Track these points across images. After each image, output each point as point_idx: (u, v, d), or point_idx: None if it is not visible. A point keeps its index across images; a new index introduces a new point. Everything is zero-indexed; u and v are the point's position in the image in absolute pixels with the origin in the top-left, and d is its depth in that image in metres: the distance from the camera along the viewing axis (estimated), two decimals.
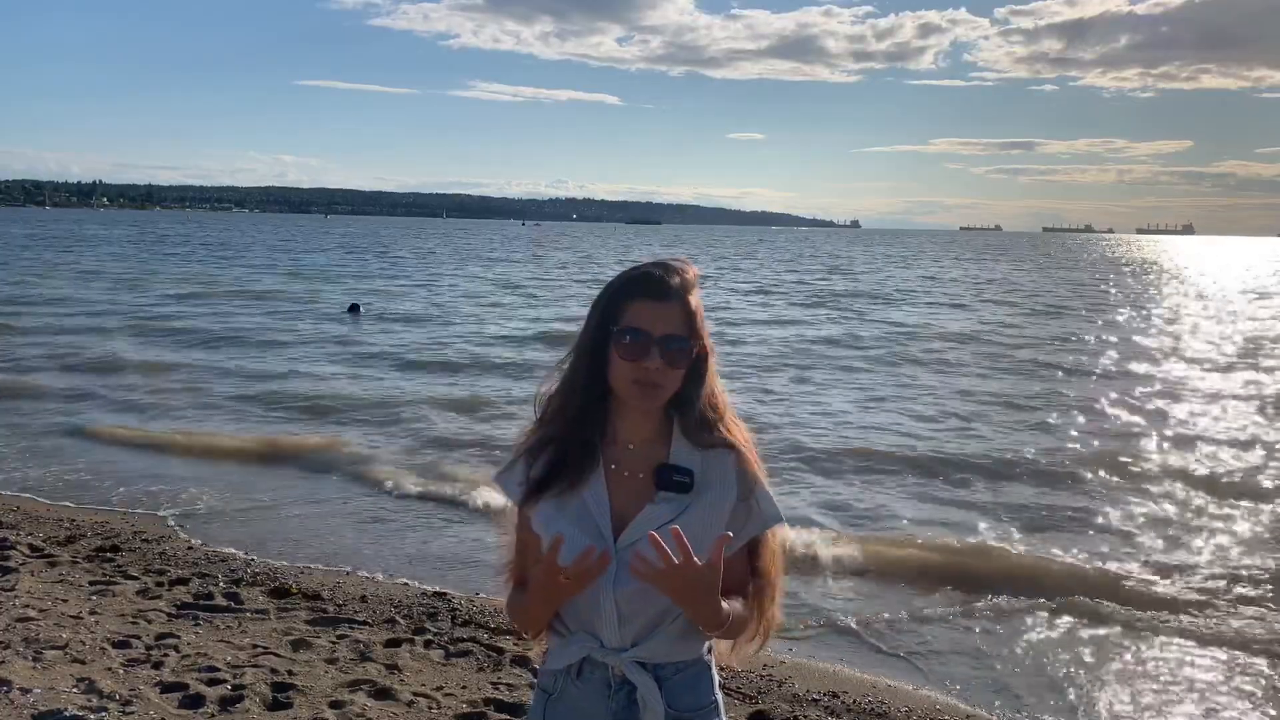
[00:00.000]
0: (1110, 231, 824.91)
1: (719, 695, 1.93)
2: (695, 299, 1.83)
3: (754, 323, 24.00)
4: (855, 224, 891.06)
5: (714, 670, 1.93)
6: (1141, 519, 8.20)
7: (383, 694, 4.46)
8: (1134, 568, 7.01)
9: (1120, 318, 26.80)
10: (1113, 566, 7.01)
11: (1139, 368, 17.14)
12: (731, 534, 1.79)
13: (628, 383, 1.79)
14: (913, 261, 65.88)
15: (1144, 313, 28.50)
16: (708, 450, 1.84)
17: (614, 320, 1.80)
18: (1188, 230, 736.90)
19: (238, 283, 32.58)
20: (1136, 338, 21.81)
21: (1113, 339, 21.38)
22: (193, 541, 7.01)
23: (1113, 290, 39.06)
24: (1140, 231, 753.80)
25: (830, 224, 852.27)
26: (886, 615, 6.17)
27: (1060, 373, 16.32)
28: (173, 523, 7.54)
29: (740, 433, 1.88)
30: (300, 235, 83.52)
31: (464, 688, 4.60)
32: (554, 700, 1.89)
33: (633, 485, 1.84)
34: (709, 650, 1.91)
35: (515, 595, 1.93)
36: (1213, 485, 9.23)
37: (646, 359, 1.77)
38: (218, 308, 24.51)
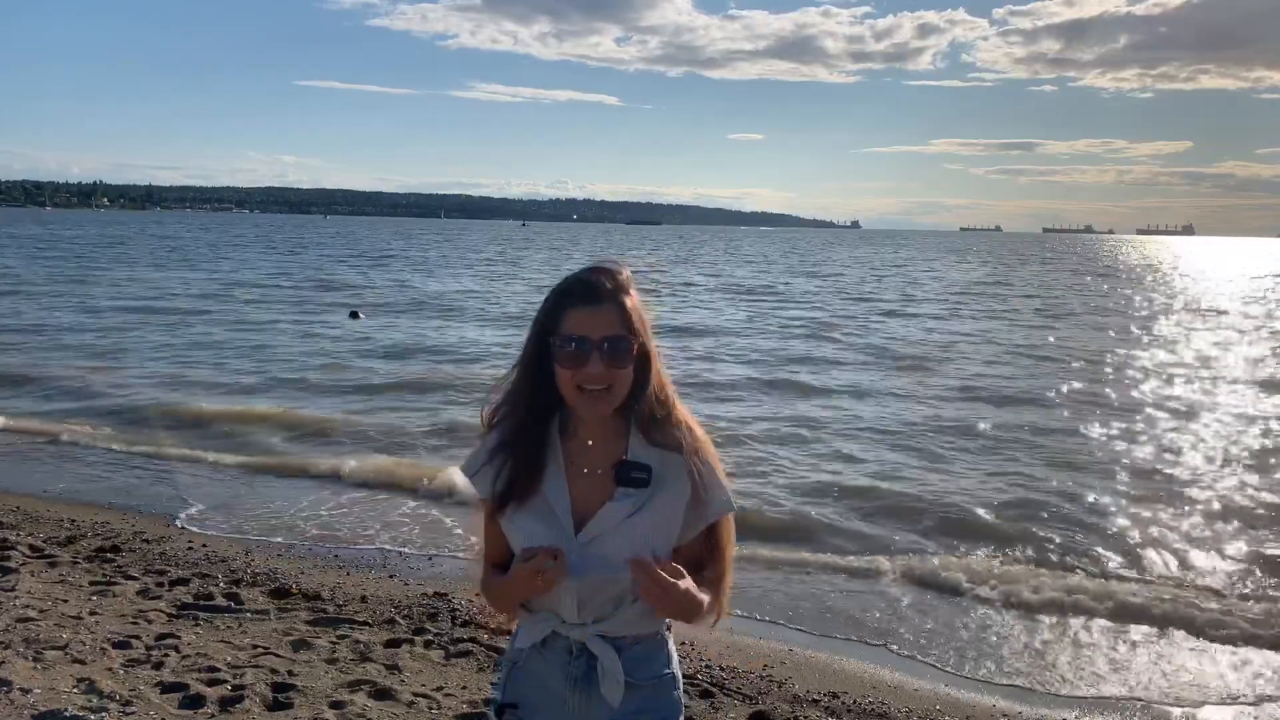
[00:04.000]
0: (1110, 232, 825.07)
1: (677, 669, 2.03)
2: (632, 299, 1.89)
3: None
4: (855, 224, 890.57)
5: (671, 645, 2.03)
6: (1143, 522, 8.21)
7: (383, 694, 4.46)
8: (1132, 567, 7.04)
9: None
10: (1113, 567, 7.04)
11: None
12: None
13: (573, 391, 1.86)
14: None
15: None
16: (663, 445, 1.91)
17: (553, 331, 1.86)
18: (1188, 231, 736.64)
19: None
20: None
21: None
22: (193, 542, 7.01)
23: None
24: (1140, 232, 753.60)
25: (830, 224, 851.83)
26: (887, 615, 6.18)
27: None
28: (180, 523, 7.55)
29: (690, 423, 1.95)
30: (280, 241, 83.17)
31: (464, 688, 4.60)
32: (519, 668, 2.00)
33: (592, 481, 1.92)
34: (668, 626, 2.02)
35: (488, 577, 2.03)
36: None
37: (588, 365, 1.83)
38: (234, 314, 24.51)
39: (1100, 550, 7.35)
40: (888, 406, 13.26)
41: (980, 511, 8.28)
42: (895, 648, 5.72)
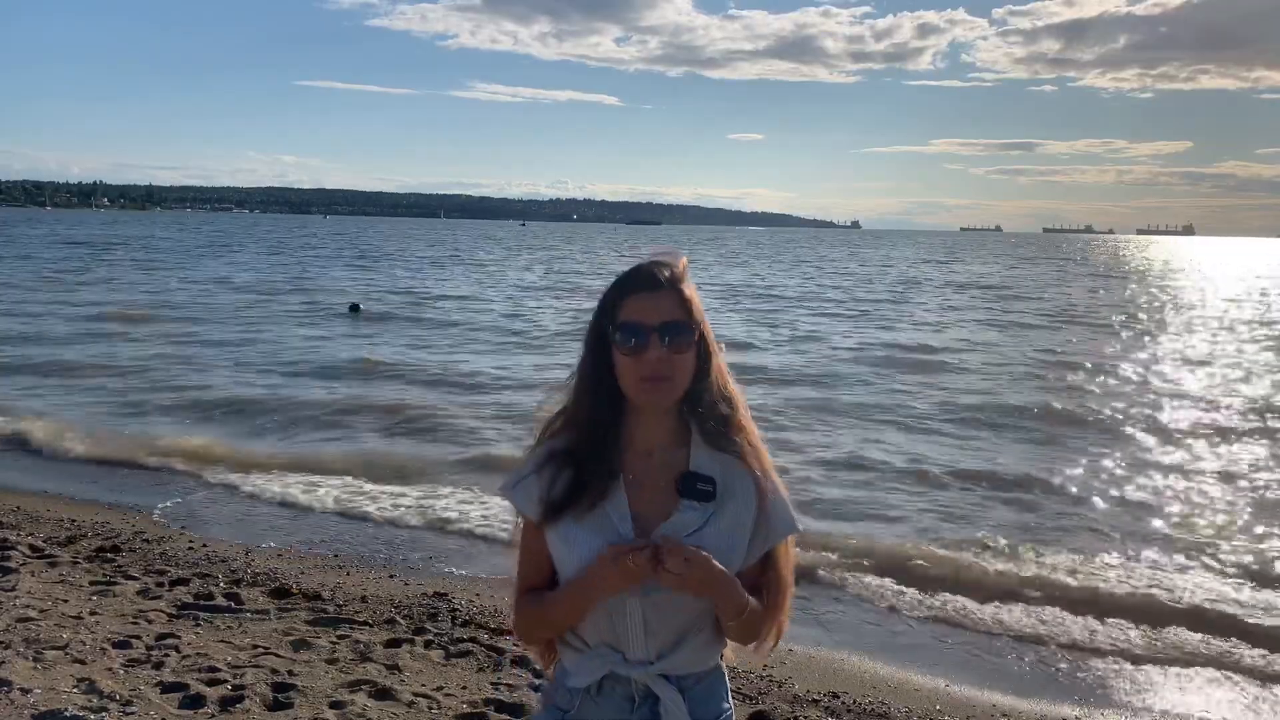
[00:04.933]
0: (1110, 232, 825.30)
1: (731, 702, 1.92)
2: (690, 288, 1.82)
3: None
4: (856, 224, 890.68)
5: (727, 678, 1.92)
6: (1144, 524, 8.22)
7: (383, 694, 4.46)
8: (1132, 583, 7.04)
9: None
10: (1113, 571, 7.04)
11: None
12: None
13: (635, 381, 1.77)
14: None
15: None
16: (727, 455, 1.82)
17: (612, 321, 1.79)
18: (1188, 231, 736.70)
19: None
20: None
21: None
22: (193, 542, 7.01)
23: None
24: (1141, 232, 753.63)
25: (831, 224, 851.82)
26: (888, 616, 6.18)
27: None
28: (160, 517, 7.56)
29: (753, 431, 1.86)
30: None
31: (464, 688, 4.60)
32: (571, 718, 1.84)
33: (653, 494, 1.81)
34: (721, 656, 1.90)
35: (526, 603, 1.88)
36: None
37: (648, 351, 1.75)
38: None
39: (1100, 561, 7.31)
40: (889, 414, 13.25)
41: (978, 523, 8.29)
42: (895, 650, 5.72)
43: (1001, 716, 4.91)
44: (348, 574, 6.49)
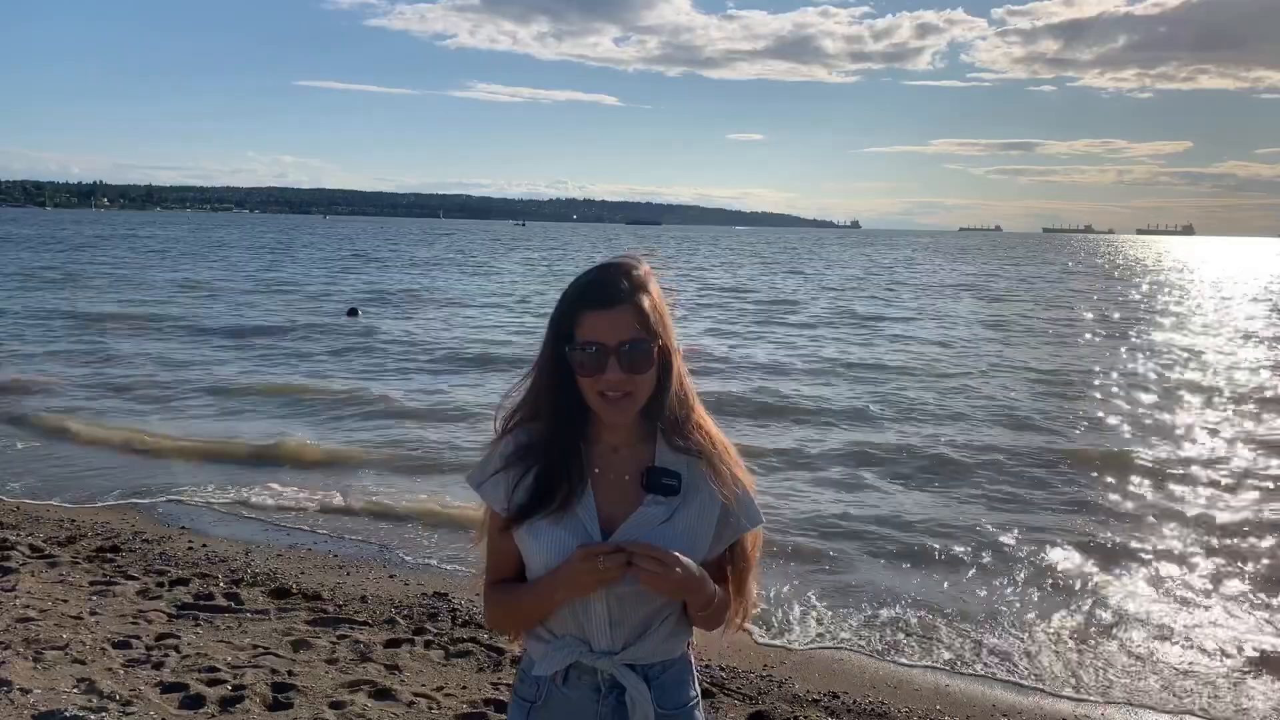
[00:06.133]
0: (1110, 232, 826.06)
1: (698, 690, 1.97)
2: (650, 298, 1.78)
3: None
4: (855, 224, 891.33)
5: (694, 665, 1.96)
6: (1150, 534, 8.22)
7: (383, 694, 4.46)
8: (1135, 566, 7.05)
9: None
10: (1112, 567, 7.05)
11: None
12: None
13: (594, 397, 1.77)
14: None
15: None
16: (691, 456, 1.83)
17: (569, 336, 1.77)
18: (1188, 231, 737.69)
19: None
20: None
21: None
22: (193, 542, 7.00)
23: None
24: (1140, 232, 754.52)
25: (831, 224, 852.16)
26: (887, 616, 6.18)
27: None
28: (160, 517, 7.55)
29: (712, 429, 1.87)
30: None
31: (464, 688, 4.60)
32: (538, 708, 1.86)
33: (618, 487, 1.82)
34: (689, 645, 1.94)
35: (496, 594, 1.90)
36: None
37: (606, 371, 1.74)
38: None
39: (1102, 564, 7.35)
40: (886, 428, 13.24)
41: (976, 521, 8.28)
42: (898, 649, 5.72)
43: (1001, 716, 4.91)
44: (348, 574, 6.49)
